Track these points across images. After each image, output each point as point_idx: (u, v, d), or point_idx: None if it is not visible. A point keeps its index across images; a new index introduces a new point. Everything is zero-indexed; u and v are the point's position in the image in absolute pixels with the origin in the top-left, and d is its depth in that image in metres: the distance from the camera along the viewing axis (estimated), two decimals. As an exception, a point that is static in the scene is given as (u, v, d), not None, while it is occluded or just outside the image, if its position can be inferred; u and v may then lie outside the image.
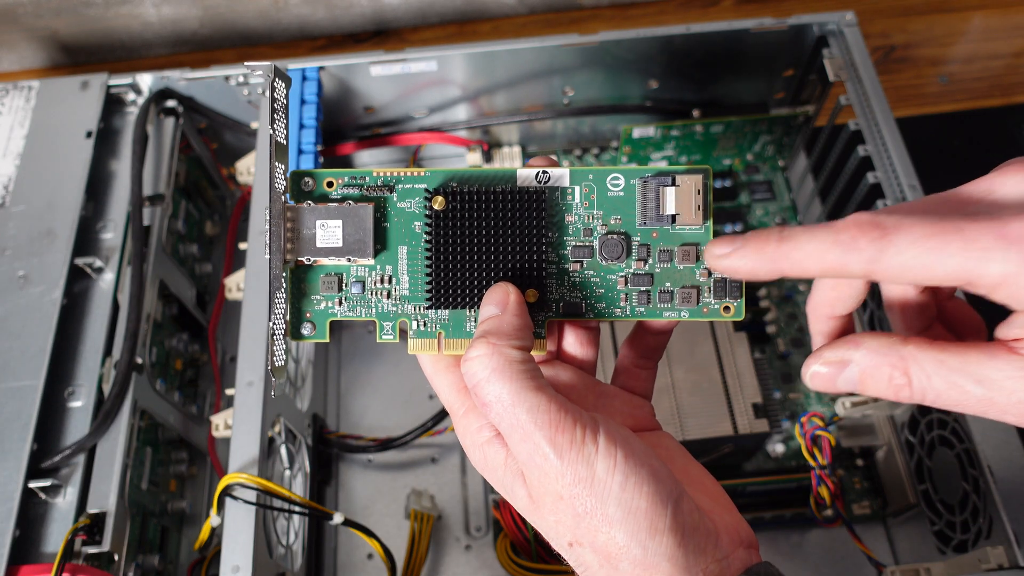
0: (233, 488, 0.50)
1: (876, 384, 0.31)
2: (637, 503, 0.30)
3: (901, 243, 0.28)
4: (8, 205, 0.63)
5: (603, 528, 0.30)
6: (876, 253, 0.29)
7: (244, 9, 0.93)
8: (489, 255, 0.35)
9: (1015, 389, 0.29)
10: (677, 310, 0.36)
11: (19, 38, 0.93)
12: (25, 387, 0.54)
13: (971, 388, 0.29)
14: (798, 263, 0.31)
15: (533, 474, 0.32)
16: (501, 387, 0.31)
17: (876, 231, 0.29)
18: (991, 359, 0.29)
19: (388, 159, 0.83)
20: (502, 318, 0.34)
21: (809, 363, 0.33)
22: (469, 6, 0.96)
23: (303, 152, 0.64)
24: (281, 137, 0.36)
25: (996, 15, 0.94)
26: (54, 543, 0.51)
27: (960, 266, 0.28)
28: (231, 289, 0.62)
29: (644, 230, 0.36)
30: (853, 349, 0.32)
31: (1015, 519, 0.49)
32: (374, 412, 0.72)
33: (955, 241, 0.28)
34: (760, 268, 0.32)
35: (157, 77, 0.69)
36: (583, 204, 0.36)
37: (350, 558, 0.66)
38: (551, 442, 0.31)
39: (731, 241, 0.33)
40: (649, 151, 0.75)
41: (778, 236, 0.31)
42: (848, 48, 0.68)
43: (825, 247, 0.30)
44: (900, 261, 0.28)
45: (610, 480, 0.30)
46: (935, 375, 0.30)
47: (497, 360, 0.32)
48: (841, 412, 0.60)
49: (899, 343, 0.31)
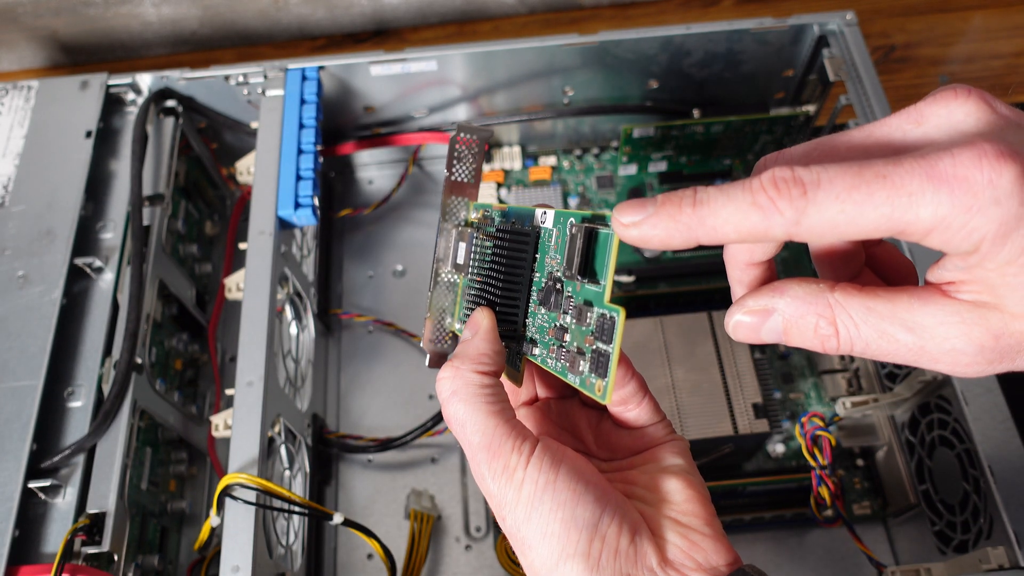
0: (233, 488, 0.50)
1: (801, 334, 0.30)
2: (551, 527, 0.31)
3: (823, 200, 0.26)
4: (8, 205, 0.63)
5: (525, 550, 0.32)
6: (797, 215, 0.27)
7: (244, 9, 0.93)
8: (492, 285, 0.36)
9: (947, 336, 0.27)
10: (573, 375, 0.34)
11: (19, 38, 0.93)
12: (25, 387, 0.54)
13: (901, 336, 0.28)
14: (715, 230, 0.28)
15: (481, 490, 0.33)
16: (458, 407, 0.33)
17: (796, 188, 0.26)
18: (923, 304, 0.28)
19: (388, 159, 0.83)
20: (470, 342, 0.35)
21: (731, 312, 0.32)
22: (469, 6, 0.96)
23: (303, 152, 0.64)
24: (465, 178, 0.39)
25: (996, 15, 0.94)
26: (54, 543, 0.51)
27: (888, 216, 0.26)
28: (231, 289, 0.62)
29: (571, 281, 0.34)
30: (777, 297, 0.30)
31: (1015, 519, 0.49)
32: (374, 412, 0.72)
33: (880, 190, 0.26)
34: (673, 237, 0.29)
35: (157, 77, 0.69)
36: (553, 247, 0.35)
37: (350, 558, 0.66)
38: (488, 465, 0.32)
39: (641, 206, 0.29)
40: (649, 151, 0.75)
41: (692, 200, 0.28)
42: (848, 48, 0.68)
43: (743, 211, 0.27)
44: (824, 219, 0.26)
45: (529, 506, 0.32)
46: (863, 323, 0.28)
47: (458, 383, 0.34)
48: (841, 412, 0.60)
49: (825, 290, 0.29)
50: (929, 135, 0.28)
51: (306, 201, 0.62)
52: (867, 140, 0.29)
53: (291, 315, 0.67)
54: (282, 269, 0.62)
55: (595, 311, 0.32)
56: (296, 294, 0.67)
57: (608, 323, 0.31)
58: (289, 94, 0.67)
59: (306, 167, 0.63)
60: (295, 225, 0.64)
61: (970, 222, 0.25)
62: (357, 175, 0.84)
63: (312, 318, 0.69)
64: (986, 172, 0.25)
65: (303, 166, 0.63)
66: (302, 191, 0.62)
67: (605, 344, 0.32)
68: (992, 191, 0.25)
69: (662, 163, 0.77)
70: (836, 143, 0.30)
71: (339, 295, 0.78)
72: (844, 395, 0.65)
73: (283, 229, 0.63)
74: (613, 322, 0.31)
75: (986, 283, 0.26)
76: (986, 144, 0.25)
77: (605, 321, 0.32)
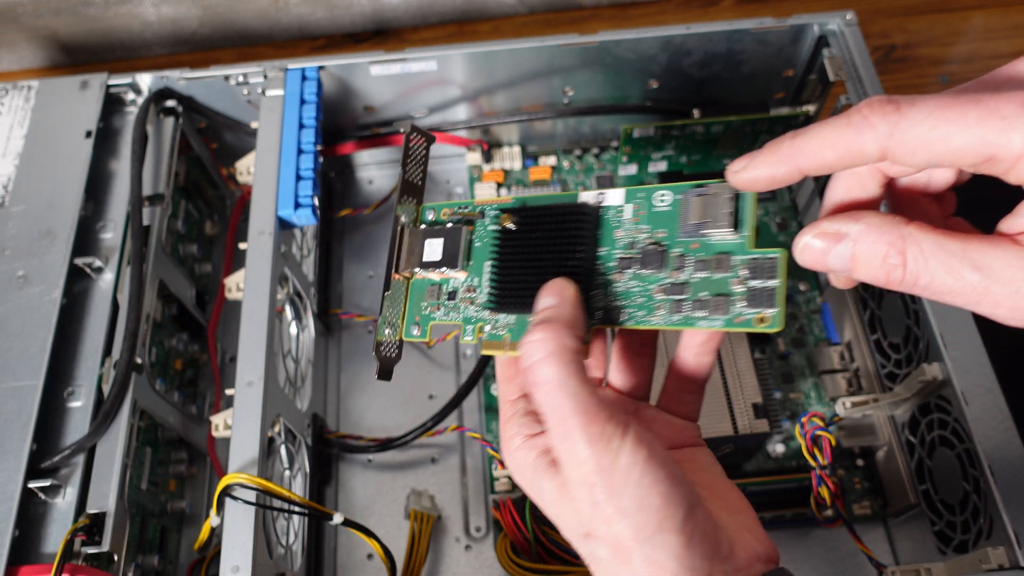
0: (233, 488, 0.50)
1: (868, 263, 0.30)
2: (650, 500, 0.31)
3: (916, 115, 0.27)
4: (8, 205, 0.63)
5: (616, 519, 0.31)
6: (890, 128, 0.28)
7: (244, 9, 0.93)
8: (546, 265, 0.38)
9: (1014, 279, 0.28)
10: (710, 320, 0.36)
11: (19, 38, 0.93)
12: (25, 387, 0.54)
13: (968, 275, 0.28)
14: (814, 154, 0.30)
15: (562, 458, 0.33)
16: (551, 370, 0.32)
17: (890, 105, 0.28)
18: (994, 248, 0.28)
19: (388, 159, 0.83)
20: (561, 307, 0.35)
21: (802, 234, 0.32)
22: (469, 6, 0.96)
23: (303, 152, 0.64)
24: (414, 179, 0.43)
25: (996, 15, 0.94)
26: (53, 543, 0.51)
27: (980, 138, 0.26)
28: (231, 289, 0.62)
29: (684, 241, 0.37)
30: (852, 222, 0.31)
31: (1016, 519, 0.49)
32: (374, 412, 0.72)
33: (973, 111, 0.26)
34: (778, 171, 0.31)
35: (157, 77, 0.69)
36: (632, 220, 0.38)
37: (350, 558, 0.66)
38: (584, 429, 0.31)
39: (746, 156, 0.32)
40: (649, 151, 0.75)
41: (792, 134, 0.31)
42: (848, 48, 0.68)
43: (838, 131, 0.29)
44: (915, 134, 0.27)
45: (629, 474, 0.31)
46: (932, 257, 0.29)
47: (553, 345, 0.33)
48: (841, 412, 0.60)
49: (901, 222, 0.30)
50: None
51: (306, 201, 0.62)
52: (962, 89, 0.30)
53: (291, 315, 0.67)
54: (282, 269, 0.62)
55: (741, 257, 0.35)
56: (296, 294, 0.67)
57: (767, 263, 0.34)
58: (289, 94, 0.67)
59: (306, 167, 0.63)
60: (295, 225, 0.64)
61: None
62: (357, 175, 0.84)
63: (312, 318, 0.69)
64: None
65: (303, 166, 0.63)
66: (302, 191, 0.62)
67: (766, 280, 0.34)
68: None
69: (662, 163, 0.77)
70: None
71: (339, 295, 0.78)
72: (844, 395, 0.65)
73: (283, 229, 0.63)
74: (772, 261, 0.34)
75: None
76: None
77: (761, 262, 0.34)
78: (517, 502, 0.60)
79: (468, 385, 0.66)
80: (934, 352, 0.55)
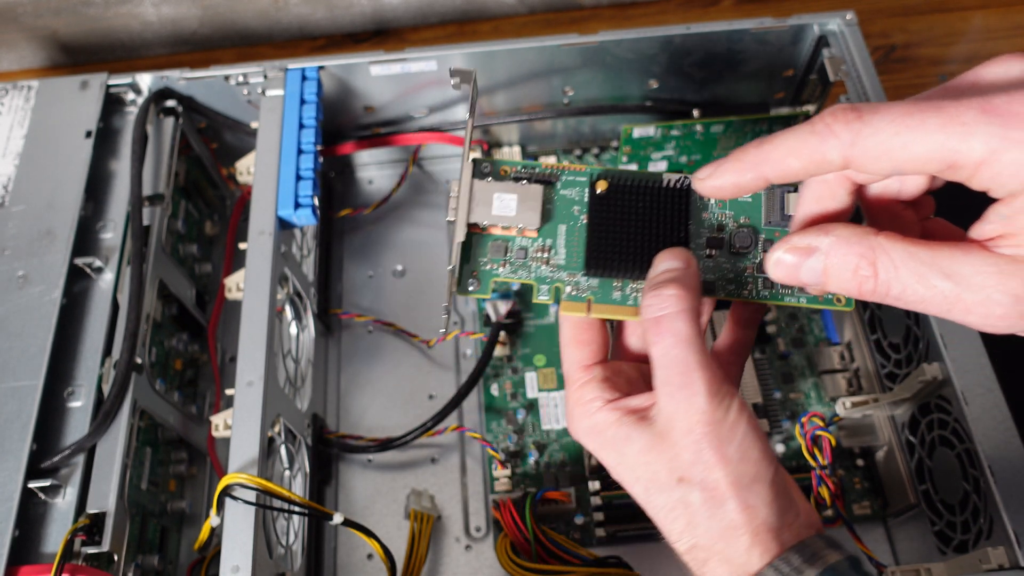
0: (233, 488, 0.50)
1: (840, 275, 0.31)
2: (751, 453, 0.34)
3: (878, 123, 0.27)
4: (7, 205, 0.63)
5: (718, 466, 0.33)
6: (853, 136, 0.28)
7: (244, 9, 0.93)
8: (640, 236, 0.40)
9: (984, 285, 0.28)
10: (796, 296, 0.39)
11: (19, 38, 0.93)
12: (25, 387, 0.54)
13: (938, 283, 0.29)
14: (779, 162, 0.30)
15: (672, 408, 0.34)
16: (683, 325, 0.34)
17: (853, 113, 0.28)
18: (964, 255, 0.28)
19: (388, 159, 0.83)
20: (688, 271, 0.36)
21: (774, 249, 0.33)
22: (469, 6, 0.96)
23: (303, 152, 0.64)
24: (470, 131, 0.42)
25: (996, 15, 0.94)
26: (53, 543, 0.51)
27: (940, 144, 0.26)
28: (231, 289, 0.62)
29: (768, 229, 0.40)
30: (822, 235, 0.31)
31: (1016, 519, 0.49)
32: (374, 412, 0.72)
33: (934, 118, 0.27)
34: (743, 178, 0.32)
35: (157, 77, 0.69)
36: (717, 205, 0.41)
37: (350, 558, 0.66)
38: (706, 383, 0.33)
39: (712, 163, 0.33)
40: (649, 151, 0.75)
41: (757, 142, 0.31)
42: (848, 48, 0.68)
43: (803, 139, 0.29)
44: (877, 141, 0.28)
45: (736, 429, 0.34)
46: (903, 267, 0.29)
47: (686, 303, 0.34)
48: (841, 412, 0.60)
49: (870, 233, 0.30)
50: (986, 82, 0.29)
51: (306, 201, 0.62)
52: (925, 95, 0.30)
53: (291, 315, 0.67)
54: (282, 269, 0.62)
55: None
56: (296, 294, 0.67)
57: None
58: (289, 94, 0.67)
59: (306, 167, 0.63)
60: (295, 225, 0.64)
61: (1020, 157, 0.26)
62: (357, 175, 0.84)
63: (312, 318, 0.69)
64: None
65: (303, 166, 0.63)
66: (302, 191, 0.62)
67: None
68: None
69: (662, 163, 0.77)
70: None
71: (339, 295, 0.78)
72: (844, 395, 0.65)
73: (283, 229, 0.63)
74: None
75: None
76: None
77: None
78: (517, 502, 0.60)
79: (468, 385, 0.66)
80: (934, 352, 0.55)
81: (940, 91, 0.30)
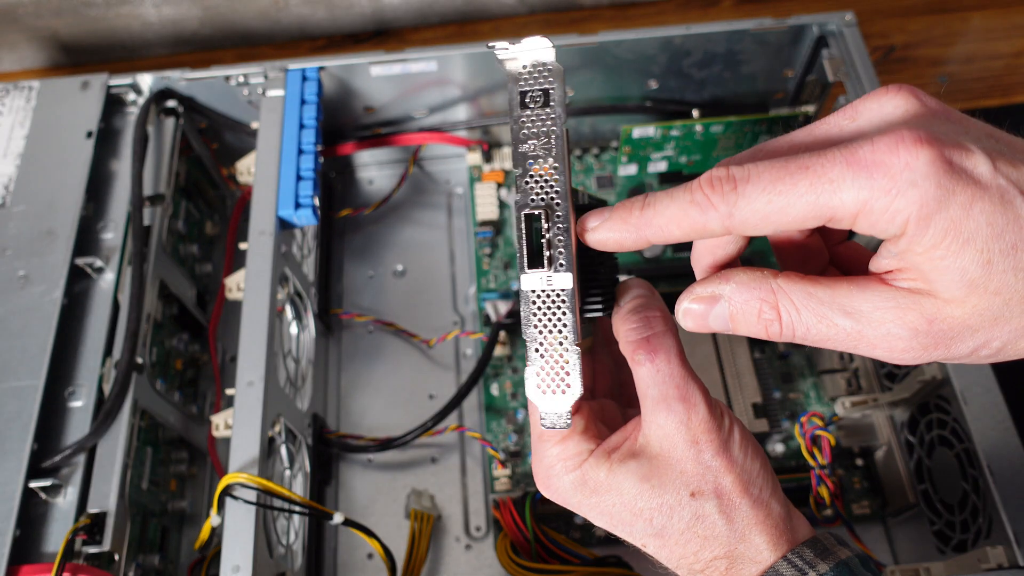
0: (233, 488, 0.50)
1: (746, 320, 0.31)
2: (751, 452, 0.35)
3: (751, 192, 0.28)
4: (9, 205, 0.63)
5: (726, 471, 0.34)
6: (729, 208, 0.28)
7: (244, 9, 0.93)
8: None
9: (883, 320, 0.28)
10: None
11: (19, 38, 0.93)
12: (25, 387, 0.55)
13: (840, 321, 0.29)
14: (661, 229, 0.30)
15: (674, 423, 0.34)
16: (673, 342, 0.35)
17: (728, 184, 0.28)
18: (861, 291, 0.29)
19: (388, 159, 0.83)
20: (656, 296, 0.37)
21: (680, 300, 0.33)
22: (469, 6, 0.96)
23: (303, 152, 0.64)
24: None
25: (996, 15, 0.94)
26: (54, 543, 0.51)
27: (814, 203, 0.27)
28: (231, 289, 0.62)
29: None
30: (723, 283, 0.31)
31: (1014, 519, 0.49)
32: (374, 412, 0.72)
33: (803, 179, 0.27)
34: (627, 238, 0.32)
35: (157, 77, 0.69)
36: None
37: (350, 558, 0.66)
38: (702, 393, 0.34)
39: (599, 214, 0.32)
40: (649, 151, 0.75)
41: (641, 204, 0.31)
42: (848, 48, 0.68)
43: (684, 209, 0.29)
44: (754, 210, 0.28)
45: (733, 432, 0.35)
46: (804, 308, 0.29)
47: (672, 322, 0.35)
48: (841, 412, 0.60)
49: (769, 276, 0.30)
50: (862, 128, 0.29)
51: (306, 201, 0.62)
52: (808, 138, 0.31)
53: (291, 315, 0.68)
54: (282, 269, 0.63)
55: None
56: (296, 294, 0.67)
57: None
58: (289, 94, 0.67)
59: (306, 167, 0.63)
60: (295, 225, 0.64)
61: (892, 204, 0.26)
62: (357, 175, 0.84)
63: (312, 318, 0.69)
64: (902, 156, 0.26)
65: (303, 166, 0.64)
66: (302, 191, 0.62)
67: None
68: (909, 173, 0.26)
69: (662, 163, 0.77)
70: (779, 144, 0.31)
71: (339, 295, 0.78)
72: (843, 395, 0.65)
73: (283, 229, 0.63)
74: None
75: (918, 269, 0.27)
76: (904, 130, 0.26)
77: None
78: (517, 502, 0.60)
79: (468, 385, 0.66)
80: (933, 352, 0.55)
81: (819, 139, 0.30)
